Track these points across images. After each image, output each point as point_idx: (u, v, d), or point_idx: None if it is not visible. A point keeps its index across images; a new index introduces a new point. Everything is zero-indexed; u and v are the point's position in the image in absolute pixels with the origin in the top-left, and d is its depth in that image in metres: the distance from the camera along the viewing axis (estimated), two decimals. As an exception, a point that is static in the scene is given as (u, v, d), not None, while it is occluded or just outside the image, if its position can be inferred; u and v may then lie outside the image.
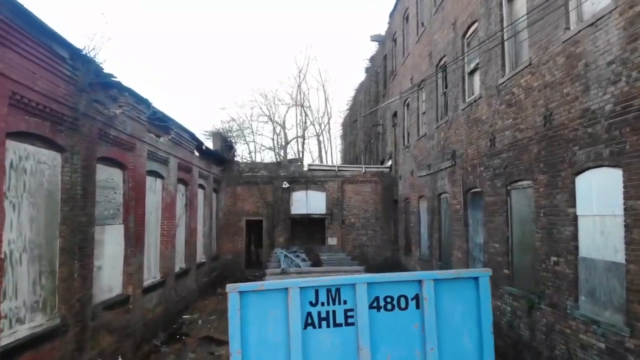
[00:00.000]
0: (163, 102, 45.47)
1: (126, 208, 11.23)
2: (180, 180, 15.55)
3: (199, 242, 18.47)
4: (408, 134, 20.23)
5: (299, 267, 14.91)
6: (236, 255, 22.87)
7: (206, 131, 24.57)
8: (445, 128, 14.32)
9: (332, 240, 22.87)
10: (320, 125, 41.97)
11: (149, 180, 12.79)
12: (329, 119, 42.30)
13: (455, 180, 13.40)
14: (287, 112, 56.49)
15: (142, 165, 11.98)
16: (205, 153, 19.01)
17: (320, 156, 40.84)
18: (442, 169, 14.61)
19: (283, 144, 35.54)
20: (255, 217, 23.03)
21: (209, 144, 22.93)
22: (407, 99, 19.95)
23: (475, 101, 12.01)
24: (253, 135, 36.49)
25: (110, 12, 52.69)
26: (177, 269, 15.39)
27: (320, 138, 41.56)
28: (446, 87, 14.96)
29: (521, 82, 9.46)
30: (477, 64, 12.06)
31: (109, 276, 10.38)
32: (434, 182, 15.63)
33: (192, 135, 16.12)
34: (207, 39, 69.17)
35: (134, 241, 11.46)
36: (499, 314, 10.16)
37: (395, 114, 22.39)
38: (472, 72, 12.77)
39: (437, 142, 15.30)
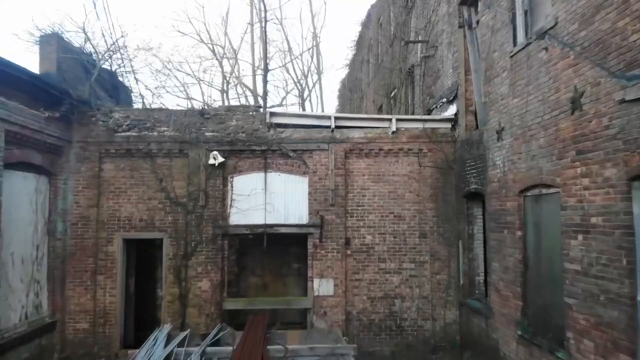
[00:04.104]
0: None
1: None
2: None
3: None
4: (528, 10, 7.40)
5: None
6: (100, 319, 9.89)
7: (32, 34, 11.01)
8: None
9: (322, 286, 9.95)
10: (305, 76, 28.28)
11: None
12: (319, 75, 28.83)
13: None
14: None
15: None
16: None
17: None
18: None
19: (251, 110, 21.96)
20: (147, 232, 10.04)
21: (33, 58, 9.92)
22: None
23: None
24: (199, 85, 22.98)
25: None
26: None
27: (307, 99, 28.06)
28: None
29: None
30: None
31: None
32: None
33: None
34: None
35: None
36: None
37: (472, -10, 9.52)
38: None
39: None
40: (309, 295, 10.01)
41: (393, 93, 16.96)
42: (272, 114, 10.29)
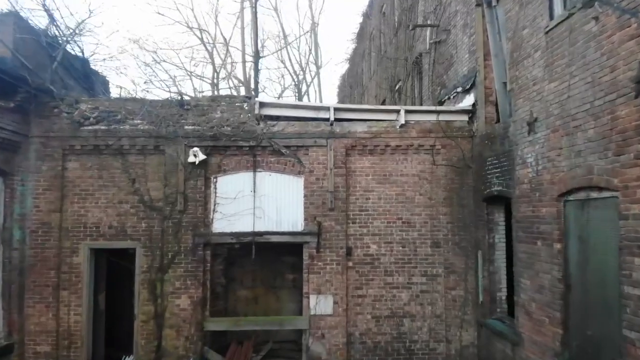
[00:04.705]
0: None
1: None
2: None
3: None
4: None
5: None
6: (63, 340, 8.59)
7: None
8: None
9: (320, 304, 8.64)
10: (302, 70, 26.72)
11: None
12: (318, 69, 27.39)
13: None
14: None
15: None
16: None
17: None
18: None
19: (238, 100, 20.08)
20: (117, 241, 8.73)
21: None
22: None
23: None
24: (191, 80, 21.66)
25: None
26: None
27: (306, 94, 26.57)
28: None
29: None
30: None
31: None
32: None
33: None
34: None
35: None
36: None
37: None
38: None
39: None
40: (304, 314, 8.69)
41: (397, 86, 15.63)
42: (262, 105, 8.97)
